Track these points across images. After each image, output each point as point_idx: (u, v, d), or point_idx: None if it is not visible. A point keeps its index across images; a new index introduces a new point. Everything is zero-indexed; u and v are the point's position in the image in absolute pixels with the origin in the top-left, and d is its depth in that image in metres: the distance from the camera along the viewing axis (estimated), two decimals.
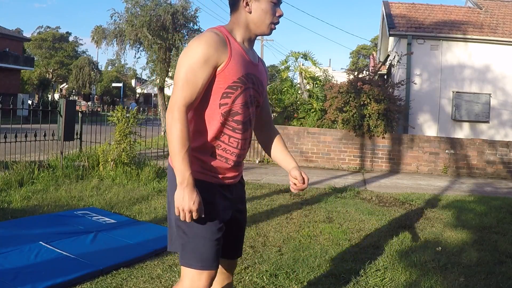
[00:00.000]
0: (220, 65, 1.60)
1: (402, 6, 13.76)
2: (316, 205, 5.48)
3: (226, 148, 1.69)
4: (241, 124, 1.69)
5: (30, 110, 8.26)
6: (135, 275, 2.98)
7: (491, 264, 3.50)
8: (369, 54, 37.11)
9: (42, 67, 45.78)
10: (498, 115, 11.92)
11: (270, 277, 3.05)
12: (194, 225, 1.61)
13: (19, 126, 6.49)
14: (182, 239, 1.64)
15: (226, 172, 1.73)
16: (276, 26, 1.74)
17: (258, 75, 1.76)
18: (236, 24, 1.71)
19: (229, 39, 1.65)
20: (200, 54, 1.56)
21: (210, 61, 1.57)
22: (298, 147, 10.12)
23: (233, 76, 1.63)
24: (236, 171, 1.77)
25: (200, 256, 1.61)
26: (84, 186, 5.83)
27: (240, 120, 1.68)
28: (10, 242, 3.39)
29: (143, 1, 15.32)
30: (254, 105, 1.76)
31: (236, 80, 1.64)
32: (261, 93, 1.79)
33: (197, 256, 1.61)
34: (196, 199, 1.54)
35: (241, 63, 1.66)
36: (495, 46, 11.85)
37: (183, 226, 1.63)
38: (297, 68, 12.81)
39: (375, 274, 3.20)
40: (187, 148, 1.55)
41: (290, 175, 1.87)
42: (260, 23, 1.69)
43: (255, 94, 1.74)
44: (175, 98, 1.57)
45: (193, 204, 1.53)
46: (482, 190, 7.56)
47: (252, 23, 1.70)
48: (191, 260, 1.62)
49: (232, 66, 1.62)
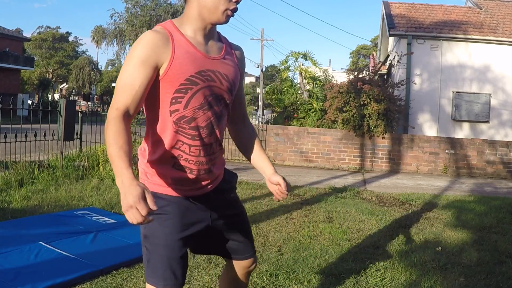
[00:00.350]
0: (162, 66, 1.47)
1: (402, 6, 13.77)
2: (316, 205, 5.48)
3: (188, 158, 1.56)
4: (199, 130, 1.54)
5: (30, 110, 8.25)
6: (135, 275, 2.98)
7: (491, 264, 3.50)
8: (369, 54, 37.12)
9: (42, 67, 45.82)
10: (498, 115, 11.92)
11: (270, 277, 3.05)
12: (155, 242, 1.53)
13: (19, 126, 6.49)
14: (145, 255, 1.57)
15: (193, 183, 1.60)
16: (233, 13, 1.55)
17: (222, 69, 1.58)
18: (187, 14, 1.54)
19: (172, 35, 1.50)
20: (136, 57, 1.45)
21: (148, 62, 1.45)
22: (298, 147, 10.13)
23: (180, 78, 1.48)
24: (208, 178, 1.63)
25: (161, 274, 1.52)
26: (84, 186, 5.83)
27: (198, 125, 1.53)
28: (10, 242, 3.39)
29: (143, 1, 15.38)
30: (221, 104, 1.59)
31: (184, 81, 1.49)
32: (229, 89, 1.60)
33: (157, 274, 1.53)
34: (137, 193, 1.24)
35: (190, 61, 1.50)
36: (495, 46, 11.86)
37: (145, 242, 1.56)
38: (297, 68, 12.82)
39: (375, 274, 3.20)
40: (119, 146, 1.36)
41: (271, 182, 1.72)
42: (214, 9, 1.51)
43: (218, 91, 1.57)
44: (112, 101, 1.48)
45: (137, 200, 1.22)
46: (482, 190, 7.56)
47: (205, 9, 1.51)
48: (152, 277, 1.53)
49: (176, 66, 1.48)
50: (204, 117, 1.54)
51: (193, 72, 1.50)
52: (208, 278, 2.97)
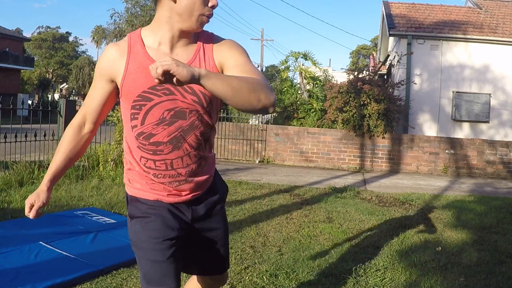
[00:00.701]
0: (117, 81, 1.47)
1: (402, 6, 13.77)
2: (316, 205, 5.48)
3: (157, 173, 1.51)
4: (161, 145, 1.46)
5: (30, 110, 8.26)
6: (135, 275, 2.98)
7: (491, 264, 3.50)
8: (369, 54, 37.11)
9: (42, 67, 45.83)
10: (498, 115, 11.92)
11: (270, 277, 3.05)
12: (141, 246, 1.53)
13: (19, 126, 6.49)
14: (136, 259, 1.60)
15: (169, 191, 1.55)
16: (208, 19, 1.44)
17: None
18: (156, 21, 1.44)
19: (131, 48, 1.44)
20: (96, 70, 1.52)
21: (104, 75, 1.49)
22: (298, 147, 10.13)
23: (133, 94, 1.43)
24: (186, 189, 1.55)
25: (148, 277, 1.52)
26: (84, 186, 5.83)
27: (159, 141, 1.46)
28: (10, 242, 3.39)
29: (143, 1, 15.38)
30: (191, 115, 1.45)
31: (136, 98, 1.43)
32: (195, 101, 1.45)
33: (145, 277, 1.53)
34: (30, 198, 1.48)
35: (143, 75, 1.41)
36: (495, 46, 11.86)
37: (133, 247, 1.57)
38: (297, 68, 12.82)
39: (375, 274, 3.20)
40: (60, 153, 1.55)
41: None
42: (187, 15, 1.39)
43: (181, 105, 1.43)
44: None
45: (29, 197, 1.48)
46: (482, 190, 7.56)
47: (177, 15, 1.39)
48: (142, 280, 1.55)
49: (129, 82, 1.43)
50: (165, 133, 1.45)
51: (145, 88, 1.42)
52: None
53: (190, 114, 1.46)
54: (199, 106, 1.45)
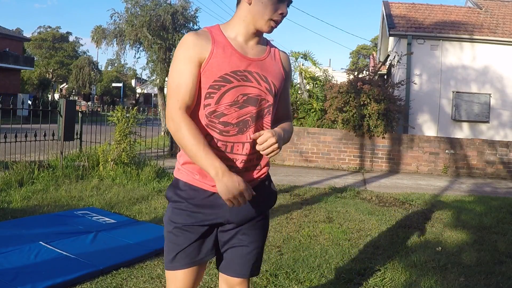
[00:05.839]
0: (203, 61, 1.56)
1: (402, 6, 13.78)
2: (316, 205, 5.48)
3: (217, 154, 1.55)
4: (228, 126, 1.57)
5: (30, 110, 8.26)
6: (135, 275, 2.99)
7: (491, 264, 3.50)
8: (369, 54, 37.12)
9: (42, 67, 45.78)
10: (498, 115, 11.92)
11: (270, 277, 3.05)
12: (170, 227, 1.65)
13: (19, 126, 6.49)
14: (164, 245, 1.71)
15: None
16: (276, 24, 1.62)
17: (261, 70, 1.61)
18: (235, 17, 1.64)
19: (214, 36, 1.60)
20: (182, 57, 1.56)
21: (193, 59, 1.55)
22: (298, 147, 10.13)
23: (214, 75, 1.55)
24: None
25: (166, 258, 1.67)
26: (84, 186, 5.83)
27: (227, 122, 1.57)
28: (10, 242, 3.39)
29: (143, 1, 15.34)
30: (259, 104, 1.61)
31: (218, 78, 1.55)
32: (268, 90, 1.62)
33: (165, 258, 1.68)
34: (238, 179, 1.48)
35: (227, 60, 1.56)
36: (495, 46, 11.86)
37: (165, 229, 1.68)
38: (297, 68, 12.81)
39: (375, 274, 3.20)
40: (203, 141, 1.50)
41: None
42: (258, 17, 1.58)
43: (254, 91, 1.59)
44: (170, 105, 1.55)
45: (238, 186, 1.47)
46: (481, 190, 7.56)
47: (251, 15, 1.59)
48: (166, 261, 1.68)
49: (213, 63, 1.55)
50: (235, 115, 1.57)
51: (228, 71, 1.56)
52: (208, 278, 2.98)
53: (261, 102, 1.62)
54: (270, 95, 1.63)
